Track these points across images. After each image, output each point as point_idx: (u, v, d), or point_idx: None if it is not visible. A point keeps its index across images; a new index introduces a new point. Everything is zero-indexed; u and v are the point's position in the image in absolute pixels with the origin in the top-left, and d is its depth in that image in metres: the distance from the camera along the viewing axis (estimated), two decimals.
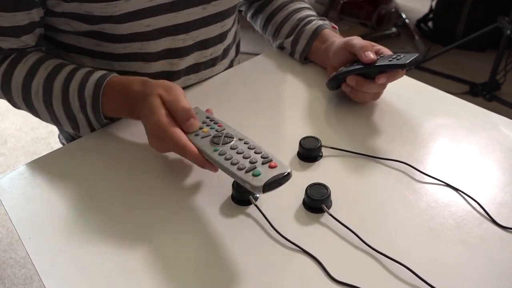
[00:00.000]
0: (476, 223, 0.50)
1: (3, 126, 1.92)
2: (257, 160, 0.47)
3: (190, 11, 0.66)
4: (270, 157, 0.47)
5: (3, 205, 0.53)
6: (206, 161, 0.50)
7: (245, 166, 0.46)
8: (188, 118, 0.52)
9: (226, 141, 0.50)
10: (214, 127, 0.53)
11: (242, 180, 0.45)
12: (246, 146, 0.49)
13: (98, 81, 0.59)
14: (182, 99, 0.53)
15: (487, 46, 2.25)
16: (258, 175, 0.45)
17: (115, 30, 0.62)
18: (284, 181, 0.45)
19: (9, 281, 1.32)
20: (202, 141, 0.51)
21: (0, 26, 0.58)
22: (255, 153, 0.48)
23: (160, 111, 0.52)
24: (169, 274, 0.45)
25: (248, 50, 2.17)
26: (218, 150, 0.49)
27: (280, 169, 0.45)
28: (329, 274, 0.44)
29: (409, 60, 0.58)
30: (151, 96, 0.53)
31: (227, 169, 0.47)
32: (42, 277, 0.45)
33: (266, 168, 0.45)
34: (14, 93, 0.63)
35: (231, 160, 0.47)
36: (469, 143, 0.61)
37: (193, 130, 0.52)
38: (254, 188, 0.44)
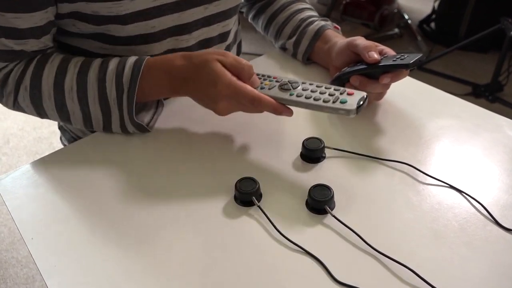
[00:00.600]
0: (480, 225, 0.49)
1: (6, 126, 1.92)
2: (334, 93, 0.53)
3: (193, 11, 0.66)
4: (341, 88, 0.53)
5: (6, 205, 0.53)
6: (283, 107, 0.54)
7: (329, 99, 0.52)
8: (252, 74, 0.57)
9: (295, 86, 0.56)
10: (272, 80, 0.58)
11: (334, 108, 0.51)
12: (314, 86, 0.55)
13: (136, 64, 0.59)
14: (241, 58, 0.57)
15: (490, 47, 2.25)
16: (345, 101, 0.51)
17: (120, 31, 0.62)
18: (366, 102, 0.52)
19: (11, 280, 1.32)
20: (272, 91, 0.56)
21: (20, 29, 0.57)
22: (325, 88, 0.54)
23: (227, 72, 0.55)
24: (171, 275, 0.45)
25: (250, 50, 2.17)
26: (294, 93, 0.54)
27: (358, 94, 0.52)
28: (332, 275, 0.44)
29: (413, 60, 0.58)
30: (211, 62, 0.55)
31: (313, 105, 0.52)
32: (44, 278, 0.45)
33: (347, 96, 0.52)
34: (45, 96, 0.60)
35: (313, 97, 0.53)
36: (472, 144, 0.61)
37: (258, 85, 0.57)
38: (349, 111, 0.50)
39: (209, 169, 0.57)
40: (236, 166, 0.57)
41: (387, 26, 2.48)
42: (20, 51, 0.59)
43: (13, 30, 0.56)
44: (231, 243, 0.48)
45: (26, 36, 0.58)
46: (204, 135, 0.62)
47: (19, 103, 0.63)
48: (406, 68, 0.59)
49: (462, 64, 2.20)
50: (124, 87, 0.59)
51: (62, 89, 0.60)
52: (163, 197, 0.53)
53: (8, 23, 0.56)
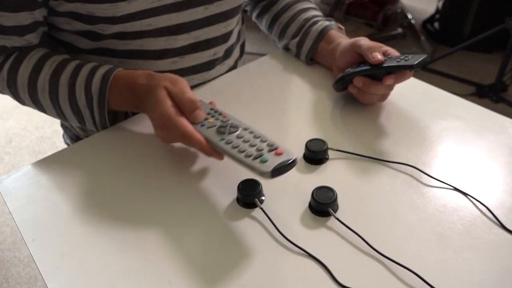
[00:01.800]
0: (485, 228, 0.49)
1: (8, 125, 1.92)
2: (263, 148, 0.49)
3: (192, 11, 0.66)
4: (275, 144, 0.49)
5: (7, 206, 0.53)
6: (212, 150, 0.52)
7: (252, 153, 0.48)
8: (194, 108, 0.54)
9: (231, 130, 0.52)
10: (219, 118, 0.55)
11: (251, 166, 0.47)
12: (251, 135, 0.51)
13: (105, 75, 0.60)
14: (188, 91, 0.55)
15: (494, 47, 2.24)
16: (265, 161, 0.47)
17: (116, 29, 0.62)
18: (291, 167, 0.47)
19: (13, 280, 1.32)
20: (208, 131, 0.53)
21: (3, 26, 0.58)
22: (260, 141, 0.50)
23: (166, 102, 0.53)
24: (173, 277, 0.44)
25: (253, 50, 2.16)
26: (225, 139, 0.51)
27: (286, 155, 0.48)
28: (335, 278, 0.44)
29: (417, 61, 0.57)
30: (157, 88, 0.54)
31: (235, 156, 0.49)
32: (45, 280, 0.44)
33: (273, 155, 0.48)
34: (20, 90, 0.63)
35: (238, 148, 0.49)
36: (477, 146, 0.60)
37: (199, 120, 0.54)
38: (263, 173, 0.46)
39: (211, 171, 0.56)
40: (239, 167, 0.57)
41: (390, 26, 2.47)
42: (1, 46, 0.61)
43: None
44: (233, 245, 0.47)
45: (8, 33, 0.60)
46: None
47: (1, 90, 0.66)
48: (410, 69, 0.58)
49: (466, 64, 2.19)
50: (93, 95, 0.60)
51: (35, 87, 0.62)
52: (166, 199, 0.53)
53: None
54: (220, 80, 0.75)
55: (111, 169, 0.57)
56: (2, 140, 1.85)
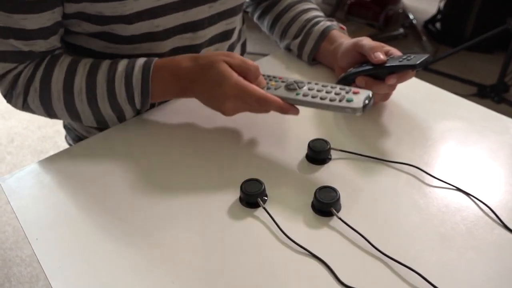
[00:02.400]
0: (488, 228, 0.49)
1: (10, 125, 1.93)
2: (339, 92, 0.53)
3: (198, 9, 0.66)
4: (347, 88, 0.54)
5: (11, 205, 0.53)
6: (290, 106, 0.55)
7: (335, 98, 0.52)
8: (259, 74, 0.57)
9: (301, 86, 0.56)
10: (277, 80, 0.58)
11: (340, 107, 0.51)
12: (320, 86, 0.55)
13: (145, 66, 0.60)
14: (247, 59, 0.57)
15: (496, 48, 2.24)
16: (351, 100, 0.51)
17: (125, 31, 0.62)
18: (372, 100, 0.53)
19: (15, 279, 1.32)
20: (279, 91, 0.56)
21: (27, 30, 0.57)
22: (331, 87, 0.54)
23: (233, 73, 0.56)
24: (175, 276, 0.44)
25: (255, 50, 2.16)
26: (300, 93, 0.55)
27: (364, 92, 0.52)
28: (338, 278, 0.44)
29: (419, 60, 0.57)
30: (218, 63, 0.56)
31: (320, 104, 0.53)
32: (49, 278, 0.45)
33: (353, 95, 0.52)
34: (55, 97, 0.61)
35: (319, 96, 0.53)
36: (479, 146, 0.60)
37: (264, 85, 0.58)
38: (355, 110, 0.50)
39: (214, 170, 0.56)
40: (242, 167, 0.57)
41: (392, 26, 2.47)
42: (28, 52, 0.60)
43: (21, 31, 0.57)
44: (236, 244, 0.47)
45: (34, 37, 0.58)
46: (209, 137, 0.62)
47: (29, 104, 0.63)
48: (413, 69, 0.58)
49: (467, 65, 2.19)
50: (134, 89, 0.60)
51: (71, 91, 0.61)
52: (168, 198, 0.53)
53: (16, 24, 0.56)
54: None
55: (115, 169, 0.57)
56: (4, 139, 1.85)
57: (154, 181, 0.55)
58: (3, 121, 1.95)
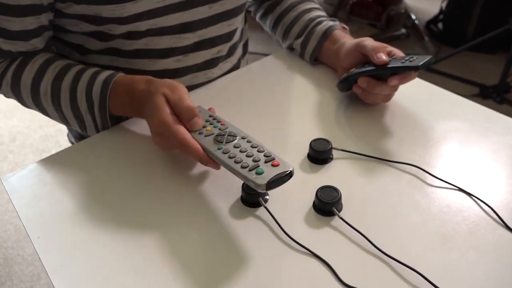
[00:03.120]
0: (490, 229, 0.49)
1: (12, 124, 1.93)
2: (260, 158, 0.48)
3: (197, 10, 0.66)
4: (272, 155, 0.48)
5: (13, 203, 0.53)
6: (209, 159, 0.51)
7: (248, 165, 0.47)
8: (192, 116, 0.53)
9: (229, 139, 0.51)
10: (217, 125, 0.54)
11: (246, 178, 0.46)
12: (249, 145, 0.50)
13: (105, 81, 0.60)
14: (186, 98, 0.54)
15: (498, 48, 2.23)
16: (261, 173, 0.46)
17: (122, 30, 0.62)
18: (287, 179, 0.46)
19: (16, 278, 1.32)
20: (206, 140, 0.52)
21: (10, 30, 0.59)
22: (258, 151, 0.49)
23: (165, 109, 0.53)
24: (177, 275, 0.44)
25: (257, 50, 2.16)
26: (222, 148, 0.50)
27: (282, 167, 0.46)
28: (339, 278, 0.44)
29: (422, 62, 0.57)
30: (156, 95, 0.54)
31: (230, 167, 0.48)
32: (51, 277, 0.45)
33: (269, 166, 0.47)
34: (24, 94, 0.64)
35: (234, 159, 0.48)
36: (481, 147, 0.60)
37: (197, 128, 0.53)
38: (258, 186, 0.45)
39: (216, 170, 0.56)
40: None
41: (393, 26, 2.47)
42: (7, 51, 0.62)
43: (3, 30, 0.59)
44: (237, 243, 0.47)
45: (14, 38, 0.60)
46: None
47: (4, 93, 0.67)
48: (415, 70, 0.58)
49: (469, 65, 2.19)
50: (94, 101, 0.61)
51: (38, 91, 0.63)
52: (170, 197, 0.53)
53: (0, 24, 0.58)
54: (224, 79, 0.75)
55: (115, 168, 0.57)
56: (6, 138, 1.86)
57: (155, 180, 0.55)
58: (5, 120, 1.96)
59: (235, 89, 0.73)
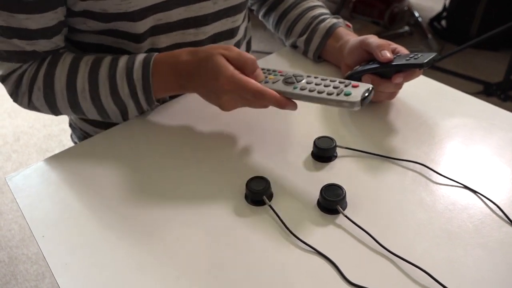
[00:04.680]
0: (496, 226, 0.48)
1: (16, 124, 1.94)
2: (338, 85, 0.52)
3: (201, 5, 0.66)
4: (346, 81, 0.52)
5: (17, 202, 0.53)
6: (287, 100, 0.53)
7: (333, 91, 0.51)
8: (256, 67, 0.56)
9: (299, 79, 0.55)
10: (276, 74, 0.57)
11: (338, 101, 0.50)
12: (319, 79, 0.54)
13: (145, 61, 0.60)
14: (245, 52, 0.56)
15: (502, 46, 2.22)
16: (349, 94, 0.50)
17: (130, 28, 0.62)
18: (372, 94, 0.50)
19: (21, 276, 1.33)
20: (276, 85, 0.55)
21: (30, 30, 0.57)
22: (330, 81, 0.53)
23: (229, 66, 0.54)
24: (181, 273, 0.44)
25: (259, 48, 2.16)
26: (298, 87, 0.53)
27: (363, 86, 0.50)
28: (344, 276, 0.44)
29: (427, 59, 0.57)
30: (214, 56, 0.55)
31: (317, 98, 0.51)
32: (55, 276, 0.45)
33: (351, 88, 0.51)
34: (58, 96, 0.62)
35: (317, 90, 0.52)
36: (486, 144, 0.60)
37: (262, 78, 0.56)
38: (353, 104, 0.49)
39: (219, 168, 0.56)
40: (247, 165, 0.57)
41: (397, 24, 2.46)
42: (32, 52, 0.60)
43: (24, 30, 0.57)
44: (241, 242, 0.47)
45: (37, 37, 0.59)
46: (214, 134, 0.62)
47: (34, 102, 0.64)
48: (420, 67, 0.58)
49: (473, 63, 2.18)
50: (135, 84, 0.60)
51: (74, 88, 0.61)
52: (174, 195, 0.53)
53: (20, 24, 0.56)
54: None
55: (120, 166, 0.57)
56: (10, 138, 1.86)
57: (159, 179, 0.55)
58: (9, 119, 1.96)
59: None
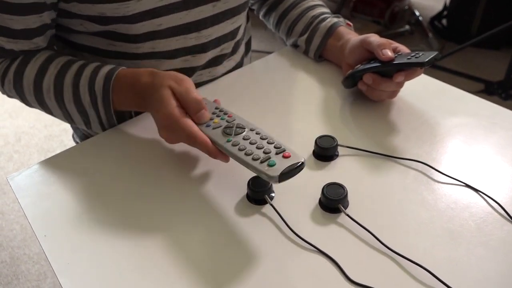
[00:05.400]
0: (497, 225, 0.48)
1: (17, 124, 1.94)
2: (271, 150, 0.47)
3: (201, 9, 0.66)
4: (283, 147, 0.47)
5: (19, 202, 0.53)
6: (218, 152, 0.50)
7: (259, 157, 0.46)
8: (199, 109, 0.53)
9: (238, 131, 0.51)
10: (224, 117, 0.53)
11: (257, 170, 0.46)
12: (258, 137, 0.50)
13: (107, 75, 0.60)
14: (193, 90, 0.54)
15: (503, 44, 2.22)
16: (273, 165, 0.45)
17: (128, 30, 0.62)
18: (298, 170, 0.45)
19: (23, 277, 1.33)
20: (214, 132, 0.51)
21: (12, 29, 0.59)
22: (267, 143, 0.48)
23: (171, 102, 0.52)
24: (183, 272, 0.44)
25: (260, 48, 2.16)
26: (231, 140, 0.49)
27: (294, 158, 0.46)
28: (346, 275, 0.44)
29: (428, 58, 0.57)
30: (162, 88, 0.53)
31: (241, 160, 0.47)
32: (57, 275, 0.45)
33: (280, 158, 0.46)
34: (26, 92, 0.63)
35: (245, 151, 0.48)
36: (488, 142, 0.59)
37: (204, 121, 0.53)
38: (270, 178, 0.44)
39: (221, 167, 0.56)
40: None
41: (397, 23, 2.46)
42: (9, 50, 0.62)
43: (6, 29, 0.59)
44: (243, 241, 0.47)
45: (17, 36, 0.60)
46: None
47: (6, 92, 0.66)
48: (421, 66, 0.58)
49: (474, 61, 2.18)
50: (97, 94, 0.60)
51: (40, 88, 0.62)
52: (175, 195, 0.53)
53: (2, 23, 0.58)
54: (228, 77, 0.75)
55: (121, 167, 0.57)
56: (11, 138, 1.86)
57: (160, 178, 0.55)
58: (10, 120, 1.96)
59: (239, 87, 0.73)
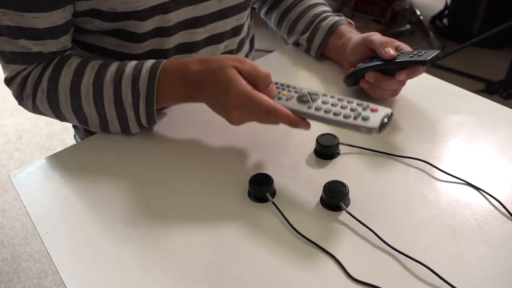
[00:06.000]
0: (498, 223, 0.48)
1: (18, 122, 1.94)
2: (355, 107, 0.49)
3: (207, 3, 0.66)
4: (365, 103, 0.49)
5: (21, 199, 0.54)
6: (300, 120, 0.51)
7: (350, 114, 0.48)
8: (270, 82, 0.54)
9: (314, 98, 0.52)
10: (291, 90, 0.54)
11: (355, 125, 0.47)
12: (334, 99, 0.51)
13: (152, 68, 0.57)
14: (259, 66, 0.54)
15: (504, 44, 2.22)
16: (367, 118, 0.47)
17: (137, 28, 0.62)
18: (391, 120, 0.48)
19: (24, 274, 1.33)
20: (290, 103, 0.52)
21: (38, 29, 0.56)
22: (347, 102, 0.50)
23: (241, 80, 0.52)
24: (185, 270, 0.45)
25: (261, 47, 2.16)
26: (312, 107, 0.51)
27: (382, 110, 0.48)
28: (347, 272, 0.44)
29: (430, 56, 0.57)
30: (227, 69, 0.53)
31: (332, 120, 0.49)
32: (60, 272, 0.45)
33: (370, 112, 0.48)
34: (62, 100, 0.60)
35: (333, 111, 0.49)
36: (489, 141, 0.60)
37: (275, 94, 0.54)
38: (371, 129, 0.46)
39: (222, 165, 0.57)
40: (250, 162, 0.57)
41: (398, 23, 2.46)
42: (38, 53, 0.59)
43: (32, 30, 0.56)
44: (244, 239, 0.47)
45: (44, 37, 0.57)
46: (217, 132, 0.62)
47: (38, 106, 0.63)
48: (424, 65, 0.58)
49: (475, 61, 2.18)
50: (140, 92, 0.58)
51: (78, 93, 0.59)
52: (177, 192, 0.53)
53: (28, 23, 0.55)
54: None
55: (123, 164, 0.57)
56: (12, 136, 1.87)
57: (162, 176, 0.55)
58: (11, 118, 1.97)
59: None
